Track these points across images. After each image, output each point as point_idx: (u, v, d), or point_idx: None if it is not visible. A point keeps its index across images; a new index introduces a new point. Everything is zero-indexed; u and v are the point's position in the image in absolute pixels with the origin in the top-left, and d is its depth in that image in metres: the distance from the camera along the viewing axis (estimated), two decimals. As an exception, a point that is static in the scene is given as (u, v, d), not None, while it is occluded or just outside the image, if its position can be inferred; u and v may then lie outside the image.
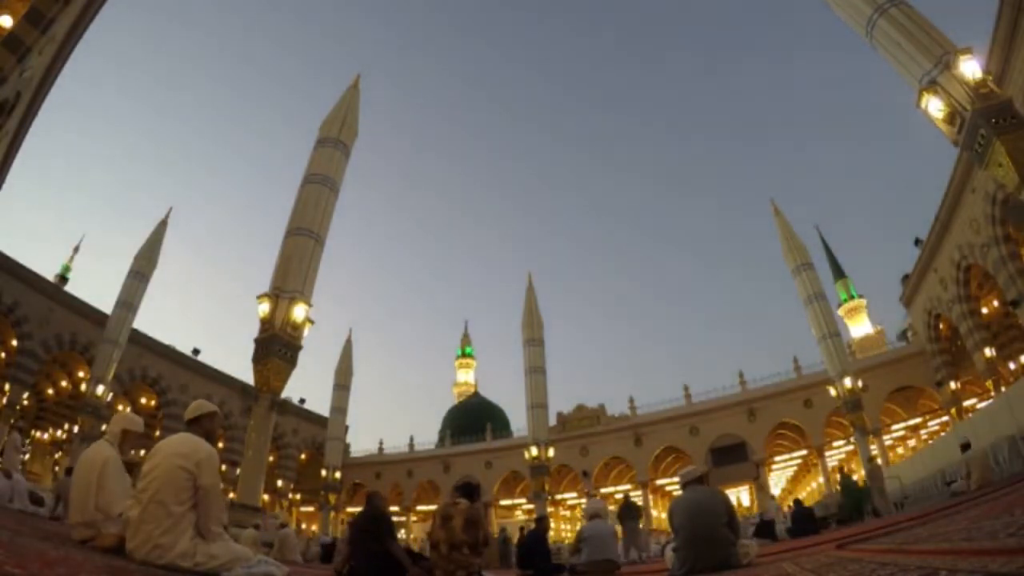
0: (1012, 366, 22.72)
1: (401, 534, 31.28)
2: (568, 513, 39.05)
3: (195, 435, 3.47)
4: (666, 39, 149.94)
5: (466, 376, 67.65)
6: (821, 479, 30.98)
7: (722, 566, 4.30)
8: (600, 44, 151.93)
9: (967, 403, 24.16)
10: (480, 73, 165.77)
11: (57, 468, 29.36)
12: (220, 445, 27.76)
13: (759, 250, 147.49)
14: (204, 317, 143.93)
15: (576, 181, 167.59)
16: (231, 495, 15.76)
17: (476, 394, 53.85)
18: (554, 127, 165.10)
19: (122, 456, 4.22)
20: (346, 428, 32.90)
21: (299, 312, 13.84)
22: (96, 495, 3.83)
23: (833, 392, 21.94)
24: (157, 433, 27.32)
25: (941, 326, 24.15)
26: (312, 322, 14.24)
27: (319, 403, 38.46)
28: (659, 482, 33.57)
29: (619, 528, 13.41)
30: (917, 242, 24.14)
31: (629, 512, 14.30)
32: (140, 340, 26.53)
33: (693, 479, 4.83)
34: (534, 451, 23.51)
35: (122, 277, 23.63)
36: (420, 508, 35.75)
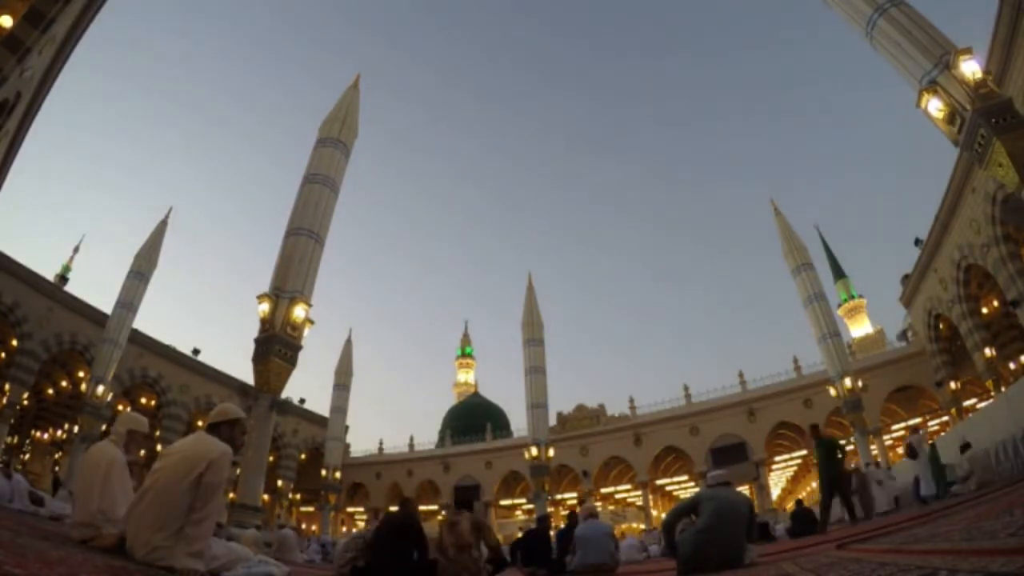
0: (1012, 366, 22.70)
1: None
2: (567, 513, 38.98)
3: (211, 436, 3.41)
4: (668, 36, 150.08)
5: (466, 376, 67.67)
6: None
7: (733, 564, 4.47)
8: (601, 43, 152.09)
9: (967, 403, 24.14)
10: (480, 72, 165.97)
11: (57, 468, 29.35)
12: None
13: (759, 250, 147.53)
14: (204, 317, 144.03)
15: (576, 182, 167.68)
16: (231, 495, 15.75)
17: (476, 394, 53.81)
18: (555, 127, 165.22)
19: (127, 456, 4.22)
20: (346, 428, 32.90)
21: (299, 312, 13.84)
22: (100, 497, 3.81)
23: (833, 392, 21.94)
24: (157, 433, 27.32)
25: (941, 326, 24.12)
26: (312, 322, 14.25)
27: (319, 403, 38.52)
28: (659, 482, 33.57)
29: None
30: (917, 242, 24.11)
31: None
32: (140, 340, 26.52)
33: (721, 481, 5.13)
34: (534, 451, 23.52)
35: (122, 277, 23.66)
36: (420, 508, 35.71)
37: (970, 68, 10.67)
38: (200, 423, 27.95)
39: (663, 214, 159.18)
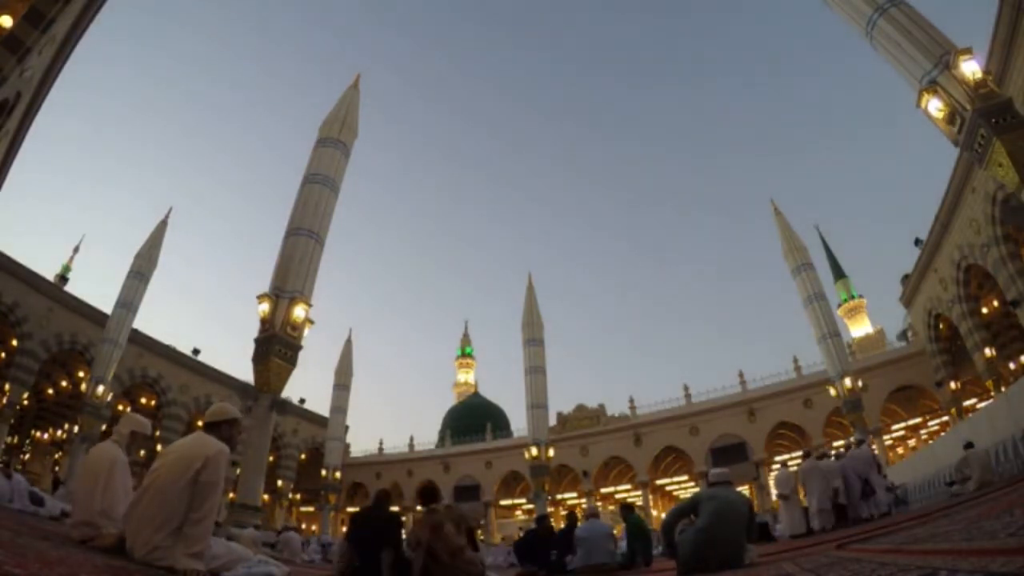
0: (1012, 366, 22.70)
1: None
2: (567, 513, 38.97)
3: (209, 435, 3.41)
4: (668, 41, 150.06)
5: (466, 376, 67.68)
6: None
7: (733, 565, 4.47)
8: (603, 45, 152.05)
9: (967, 403, 24.15)
10: (480, 72, 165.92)
11: (57, 468, 29.35)
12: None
13: (759, 250, 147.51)
14: (204, 317, 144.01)
15: (577, 181, 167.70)
16: (231, 495, 15.76)
17: (476, 394, 53.83)
18: (556, 127, 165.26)
19: (128, 457, 4.23)
20: (346, 428, 32.89)
21: (299, 312, 13.84)
22: (102, 497, 3.82)
23: (833, 392, 21.94)
24: (157, 433, 27.31)
25: (941, 326, 24.13)
26: (312, 322, 14.25)
27: (319, 403, 38.46)
28: (659, 482, 33.56)
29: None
30: (917, 242, 24.13)
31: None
32: (140, 340, 26.52)
33: (723, 480, 5.07)
34: (534, 451, 23.51)
35: (122, 277, 23.65)
36: (420, 508, 35.67)
37: (970, 68, 10.66)
38: (200, 423, 27.93)
39: (664, 215, 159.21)
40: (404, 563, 5.08)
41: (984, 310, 21.79)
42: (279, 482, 32.92)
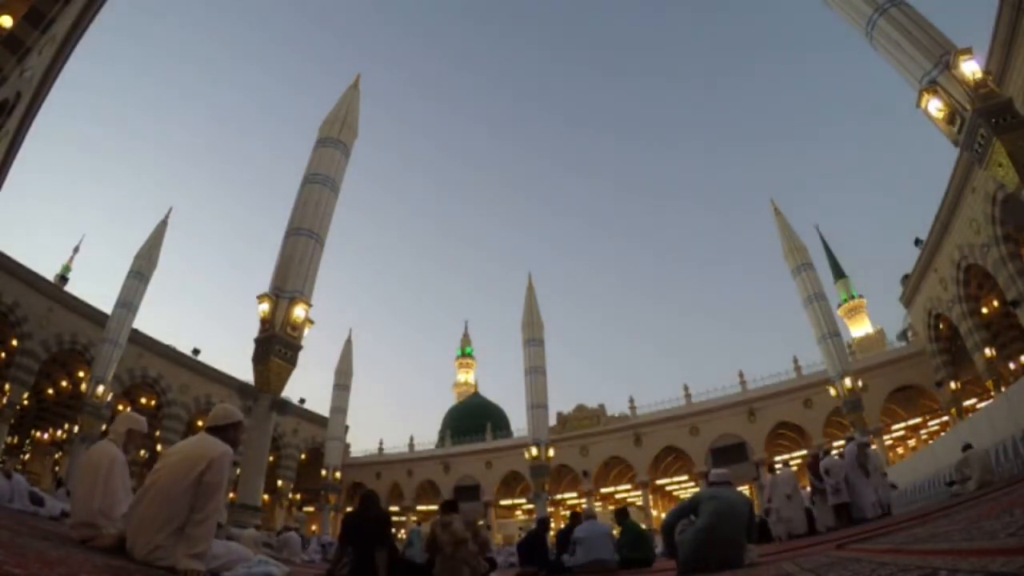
0: (1012, 366, 22.71)
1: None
2: (568, 513, 39.00)
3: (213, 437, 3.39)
4: (668, 39, 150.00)
5: (466, 376, 67.68)
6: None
7: (733, 565, 4.47)
8: (602, 44, 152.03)
9: (967, 403, 24.15)
10: (481, 72, 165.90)
11: (57, 468, 29.36)
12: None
13: (759, 250, 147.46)
14: (204, 317, 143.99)
15: (577, 181, 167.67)
16: (231, 495, 15.76)
17: (476, 394, 53.83)
18: (556, 128, 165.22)
19: (126, 456, 4.22)
20: (346, 428, 32.89)
21: (299, 312, 13.83)
22: (101, 496, 3.81)
23: (833, 392, 21.94)
24: (157, 433, 27.31)
25: (941, 326, 24.13)
26: (312, 322, 14.24)
27: (319, 403, 38.48)
28: (659, 482, 33.56)
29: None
30: (917, 242, 24.13)
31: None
32: (140, 340, 26.53)
33: (723, 481, 5.05)
34: (534, 451, 23.51)
35: (122, 277, 23.66)
36: (420, 508, 35.78)
37: (970, 68, 10.66)
38: (200, 423, 27.95)
39: (664, 215, 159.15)
40: (398, 562, 5.19)
41: (984, 310, 21.79)
42: (279, 482, 32.93)
